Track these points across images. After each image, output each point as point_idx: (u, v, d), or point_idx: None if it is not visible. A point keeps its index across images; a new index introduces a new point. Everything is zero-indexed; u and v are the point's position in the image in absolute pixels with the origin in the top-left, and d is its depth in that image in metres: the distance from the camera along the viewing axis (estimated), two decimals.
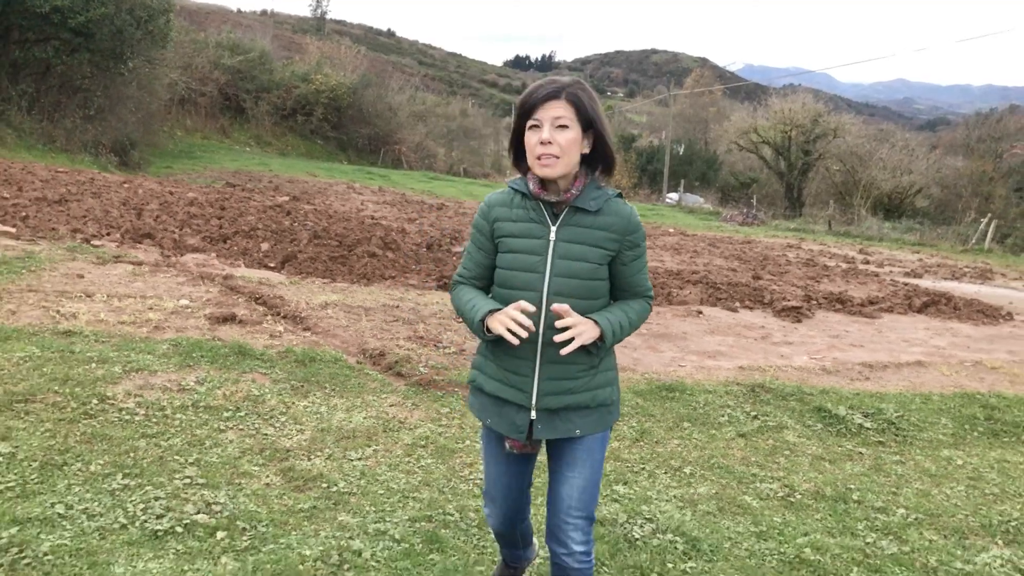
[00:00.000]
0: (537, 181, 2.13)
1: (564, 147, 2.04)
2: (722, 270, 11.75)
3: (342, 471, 3.65)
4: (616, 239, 2.12)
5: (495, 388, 2.21)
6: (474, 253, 2.25)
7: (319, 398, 4.55)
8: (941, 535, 3.64)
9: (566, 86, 2.07)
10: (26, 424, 3.65)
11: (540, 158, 2.06)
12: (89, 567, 2.65)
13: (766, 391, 5.61)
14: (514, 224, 2.15)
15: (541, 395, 2.14)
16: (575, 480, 2.20)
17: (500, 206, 2.20)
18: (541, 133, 2.05)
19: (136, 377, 4.41)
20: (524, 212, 2.15)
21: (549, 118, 2.04)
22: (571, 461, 2.20)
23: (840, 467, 4.40)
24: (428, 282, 8.48)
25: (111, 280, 6.53)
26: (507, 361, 2.16)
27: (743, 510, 3.72)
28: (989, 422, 5.38)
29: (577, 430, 2.17)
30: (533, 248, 2.12)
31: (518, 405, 2.16)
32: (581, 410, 2.17)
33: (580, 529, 2.21)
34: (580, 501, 2.20)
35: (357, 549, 2.95)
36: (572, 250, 2.10)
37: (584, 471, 2.20)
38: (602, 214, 2.12)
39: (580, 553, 2.20)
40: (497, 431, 2.24)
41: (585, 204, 2.10)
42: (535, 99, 2.06)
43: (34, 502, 3.00)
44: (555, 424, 2.16)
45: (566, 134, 2.05)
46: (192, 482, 3.33)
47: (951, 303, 9.80)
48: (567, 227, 2.11)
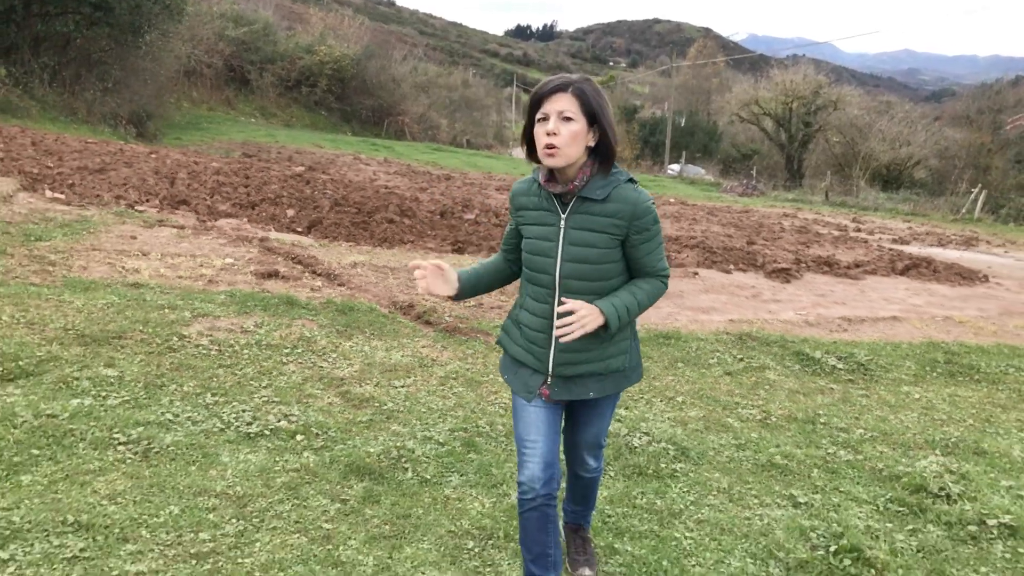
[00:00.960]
0: (546, 172, 2.28)
1: (567, 138, 2.15)
2: (719, 236, 12.42)
3: (389, 395, 4.35)
4: (623, 225, 2.22)
5: (516, 352, 2.43)
6: (508, 232, 2.50)
7: (361, 340, 5.24)
8: (891, 448, 4.35)
9: (573, 81, 2.19)
10: (124, 355, 4.35)
11: (544, 149, 2.18)
12: (203, 456, 3.36)
13: (752, 339, 6.30)
14: (531, 212, 2.33)
15: (556, 364, 2.33)
16: (591, 430, 2.51)
17: (521, 195, 2.38)
18: (547, 125, 2.17)
19: (204, 321, 5.09)
20: (539, 200, 2.31)
21: (555, 111, 2.16)
22: (586, 419, 2.48)
23: (812, 399, 5.10)
24: (444, 246, 9.13)
25: (161, 241, 7.19)
26: (528, 332, 2.36)
27: (726, 428, 4.43)
28: (948, 365, 6.07)
29: (591, 392, 2.36)
30: (546, 234, 2.27)
31: (533, 369, 2.36)
32: (595, 376, 2.34)
33: (594, 456, 2.61)
34: (594, 441, 2.56)
35: (411, 448, 3.65)
36: (580, 237, 2.23)
37: (599, 423, 2.50)
38: (609, 201, 2.22)
39: (593, 468, 2.65)
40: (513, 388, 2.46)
41: (591, 193, 2.22)
42: (543, 92, 2.19)
43: (148, 411, 3.70)
44: (570, 388, 2.34)
45: (570, 126, 2.15)
46: (269, 400, 4.03)
47: (931, 266, 10.48)
48: (575, 215, 2.24)
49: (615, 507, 3.35)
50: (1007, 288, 9.97)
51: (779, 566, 3.02)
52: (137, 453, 3.30)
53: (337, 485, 3.26)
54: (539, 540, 2.38)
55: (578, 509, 2.81)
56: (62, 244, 6.45)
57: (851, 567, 3.03)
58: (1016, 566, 3.21)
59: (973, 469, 4.07)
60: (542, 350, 2.33)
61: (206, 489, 3.09)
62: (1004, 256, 13.62)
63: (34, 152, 10.22)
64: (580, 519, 2.84)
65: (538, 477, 2.30)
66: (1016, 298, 9.30)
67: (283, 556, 2.72)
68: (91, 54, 16.87)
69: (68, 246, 6.43)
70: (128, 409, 3.69)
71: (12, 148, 10.05)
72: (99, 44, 16.64)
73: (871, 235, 15.41)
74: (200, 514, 2.91)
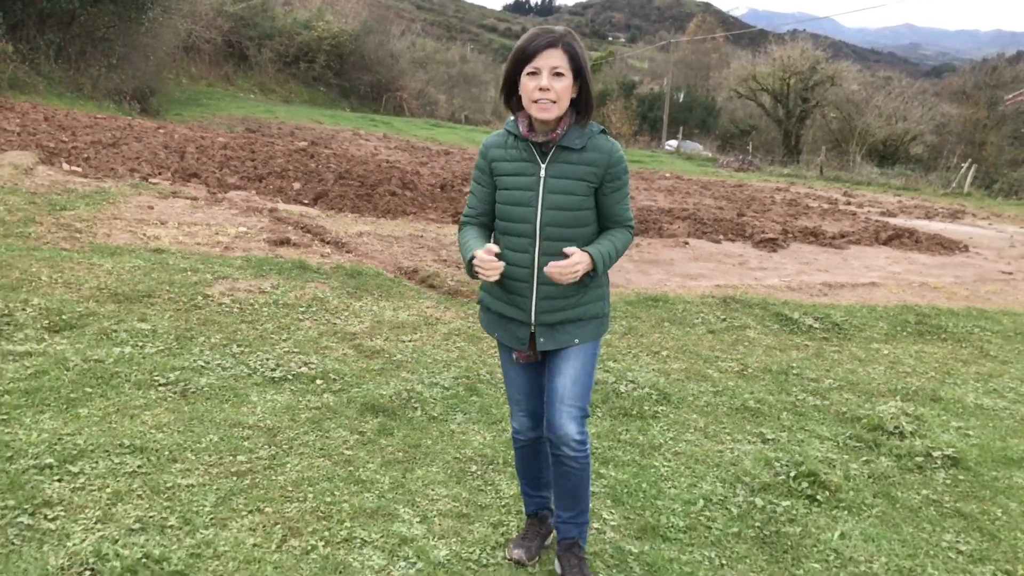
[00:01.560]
0: (527, 123, 2.33)
1: (560, 93, 2.22)
2: (710, 208, 12.79)
3: (398, 348, 4.75)
4: (598, 173, 2.32)
5: (499, 307, 2.47)
6: (477, 192, 2.47)
7: (370, 300, 5.64)
8: (856, 395, 4.77)
9: (563, 35, 2.24)
10: (154, 312, 4.74)
11: (537, 102, 2.23)
12: (234, 396, 3.77)
13: (736, 302, 6.70)
14: (509, 163, 2.36)
15: (539, 312, 2.38)
16: (568, 372, 2.43)
17: (496, 147, 2.40)
18: (540, 80, 2.21)
19: (224, 283, 5.49)
20: (517, 152, 2.34)
21: (548, 66, 2.20)
22: (564, 357, 2.44)
23: (787, 354, 5.52)
24: (444, 217, 9.50)
25: (176, 211, 7.57)
26: (508, 284, 2.39)
27: (705, 378, 4.84)
28: (918, 325, 6.49)
29: (576, 339, 2.42)
30: (526, 184, 2.32)
31: (519, 321, 2.42)
32: (576, 322, 2.41)
33: (574, 419, 2.43)
34: (572, 393, 2.43)
35: (419, 391, 4.07)
36: (560, 185, 2.30)
37: (575, 365, 2.43)
38: (586, 151, 2.31)
39: (576, 442, 2.44)
40: (505, 344, 2.51)
41: (570, 143, 2.30)
42: (535, 47, 2.21)
43: (181, 358, 4.10)
44: (555, 336, 2.41)
45: (562, 81, 2.22)
46: (289, 351, 4.44)
47: (913, 236, 10.88)
48: (555, 164, 2.31)
49: (602, 441, 3.77)
50: (985, 257, 10.37)
51: (744, 489, 3.44)
52: (176, 392, 3.71)
53: (355, 420, 3.68)
54: (532, 467, 2.73)
55: (569, 517, 2.61)
56: (85, 213, 6.82)
57: (808, 488, 3.45)
58: (954, 490, 3.64)
59: (927, 412, 4.50)
60: (524, 299, 2.38)
61: (239, 422, 3.50)
62: (987, 228, 14.01)
63: (48, 127, 10.55)
64: (573, 532, 2.62)
65: (527, 427, 2.62)
66: (992, 266, 9.71)
67: (311, 475, 3.13)
68: (95, 30, 17.11)
69: (91, 215, 6.81)
70: (164, 356, 4.09)
71: (27, 123, 10.39)
72: (103, 20, 16.87)
73: (860, 208, 15.78)
74: (236, 441, 3.33)
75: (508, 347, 2.52)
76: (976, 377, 5.36)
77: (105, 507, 2.72)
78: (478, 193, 2.47)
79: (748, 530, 3.11)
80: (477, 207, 2.48)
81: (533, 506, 2.80)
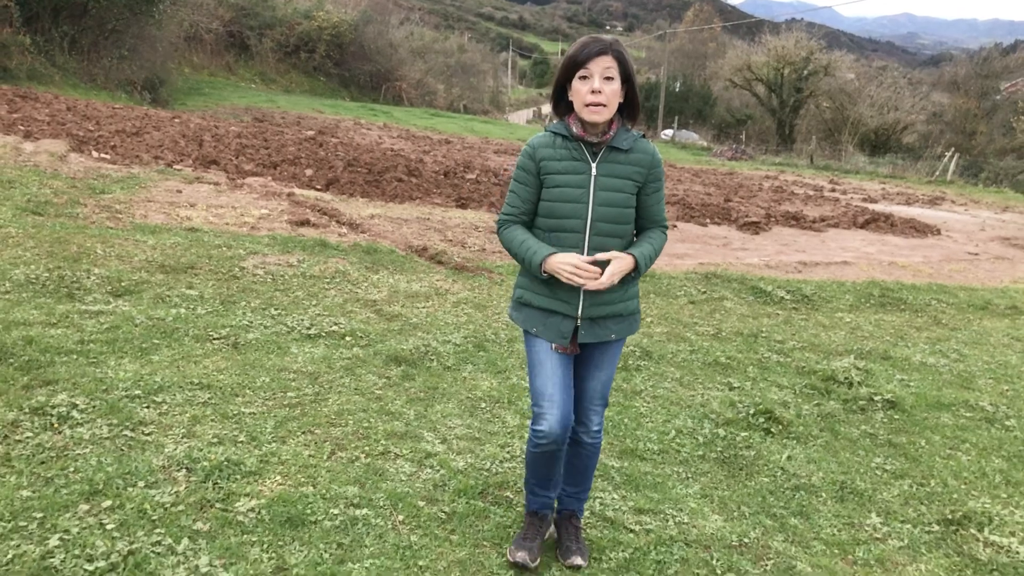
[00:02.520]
0: (580, 124, 2.45)
1: (610, 96, 2.36)
2: (699, 194, 13.43)
3: (413, 313, 5.40)
4: (644, 172, 2.47)
5: (544, 303, 2.53)
6: (520, 191, 2.52)
7: (386, 274, 6.28)
8: (816, 354, 5.43)
9: (612, 43, 2.38)
10: (199, 280, 5.38)
11: (589, 105, 2.36)
12: (278, 348, 4.41)
13: (716, 277, 7.36)
14: (559, 163, 2.45)
15: (586, 307, 2.49)
16: (601, 376, 2.63)
17: (544, 147, 2.48)
18: (592, 83, 2.34)
19: (255, 257, 6.12)
20: (567, 152, 2.45)
21: (600, 70, 2.34)
22: (599, 363, 2.61)
23: (759, 320, 6.18)
24: (449, 202, 10.13)
25: (202, 195, 8.19)
26: (557, 281, 2.46)
27: (683, 340, 5.50)
28: (881, 298, 7.15)
29: (612, 335, 2.56)
30: (578, 182, 2.42)
31: (564, 315, 2.51)
32: (616, 318, 2.55)
33: (599, 413, 2.70)
34: (602, 393, 2.67)
35: (434, 347, 4.71)
36: (610, 183, 2.43)
37: (608, 370, 2.64)
38: (633, 152, 2.46)
39: (595, 431, 2.70)
40: (544, 338, 2.55)
41: (620, 144, 2.44)
42: (588, 53, 2.35)
43: (228, 318, 4.74)
44: (595, 330, 2.53)
45: (612, 85, 2.36)
46: (319, 314, 5.08)
47: (889, 220, 11.54)
48: (605, 163, 2.44)
49: None
50: (955, 240, 11.04)
51: (710, 423, 4.10)
52: (228, 344, 4.36)
53: (381, 368, 4.33)
54: (547, 470, 2.66)
55: (574, 491, 2.78)
56: (122, 196, 7.45)
57: (764, 423, 4.11)
58: (889, 426, 4.30)
59: (876, 367, 5.17)
60: (571, 293, 2.47)
61: (285, 368, 4.15)
62: (963, 214, 14.67)
63: (73, 116, 11.14)
64: (574, 505, 2.80)
65: (556, 431, 2.50)
66: (960, 248, 10.37)
67: (349, 407, 3.78)
68: (106, 22, 17.65)
69: (127, 198, 7.43)
70: (213, 316, 4.74)
71: (55, 113, 10.98)
72: (113, 12, 17.41)
73: (844, 195, 16.44)
74: (284, 382, 3.97)
75: (544, 340, 2.55)
76: (926, 341, 6.02)
77: (187, 427, 3.37)
78: (521, 192, 2.52)
79: (711, 453, 3.77)
80: (520, 206, 2.52)
81: (537, 505, 2.77)
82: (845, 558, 3.03)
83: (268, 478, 3.04)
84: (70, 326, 4.23)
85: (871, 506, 3.43)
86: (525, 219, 2.55)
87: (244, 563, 2.52)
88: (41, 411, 3.29)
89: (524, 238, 2.49)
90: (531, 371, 2.59)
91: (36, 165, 7.89)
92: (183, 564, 2.48)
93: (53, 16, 16.28)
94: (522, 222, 2.55)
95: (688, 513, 3.19)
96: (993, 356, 5.81)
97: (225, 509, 2.80)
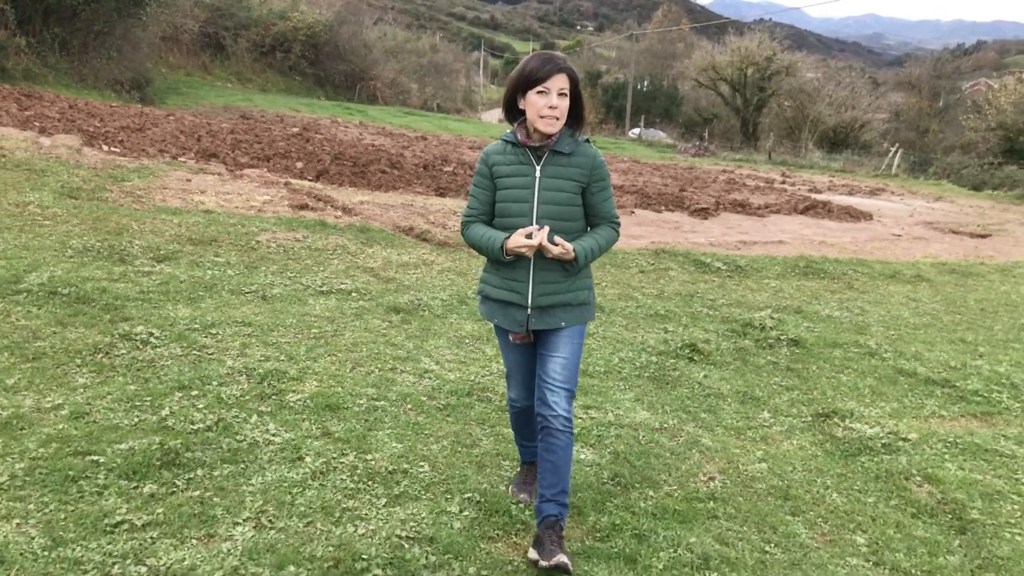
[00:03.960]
0: (524, 132, 2.72)
1: (563, 111, 2.65)
2: (656, 185, 14.60)
3: (406, 278, 6.42)
4: (586, 173, 2.72)
5: (499, 294, 2.81)
6: (478, 195, 2.81)
7: (379, 248, 7.29)
8: (740, 309, 6.54)
9: (565, 61, 2.66)
10: (223, 251, 6.36)
11: (544, 117, 2.63)
12: (298, 300, 5.41)
13: (665, 252, 8.46)
14: (508, 167, 2.73)
15: (535, 296, 2.74)
16: (558, 359, 2.78)
17: (496, 154, 2.78)
18: (550, 99, 2.61)
19: (266, 234, 7.10)
20: (515, 157, 2.73)
21: (556, 87, 2.62)
22: (555, 345, 2.79)
23: (697, 285, 7.29)
24: (429, 191, 11.14)
25: (208, 183, 9.12)
26: (509, 273, 2.76)
27: (631, 299, 6.58)
28: (806, 268, 8.31)
29: (562, 323, 2.78)
30: (524, 184, 2.70)
31: (518, 305, 2.76)
32: (565, 307, 2.77)
33: (563, 397, 2.77)
34: (561, 375, 2.77)
35: (425, 302, 5.74)
36: (553, 183, 2.70)
37: (564, 351, 2.79)
38: (574, 155, 2.72)
39: (563, 417, 2.75)
40: (504, 328, 2.85)
41: (561, 148, 2.70)
42: (547, 71, 2.61)
43: (254, 279, 5.73)
44: (545, 318, 2.77)
45: (565, 101, 2.64)
46: (327, 277, 6.08)
47: (827, 207, 12.77)
48: (548, 166, 2.71)
49: None
50: (883, 224, 12.30)
51: (647, 354, 5.18)
52: (259, 297, 5.35)
53: (383, 315, 5.34)
54: (526, 426, 3.09)
55: (552, 494, 2.77)
56: (140, 184, 8.36)
57: (688, 354, 5.20)
58: (790, 357, 5.41)
59: (789, 318, 6.29)
60: (522, 284, 2.74)
61: (307, 313, 5.15)
62: (898, 202, 16.01)
63: (78, 114, 11.96)
64: (555, 510, 2.76)
65: (523, 396, 3.00)
66: (887, 230, 11.62)
67: (362, 340, 4.79)
68: (94, 24, 18.38)
69: (145, 185, 8.35)
70: (242, 277, 5.73)
71: (63, 111, 11.79)
72: (101, 15, 18.15)
73: (792, 186, 17.73)
74: (308, 322, 4.98)
75: (505, 331, 2.88)
76: (836, 300, 7.18)
77: (239, 350, 4.36)
78: (479, 195, 2.82)
79: (645, 373, 4.84)
80: (479, 207, 2.82)
81: (528, 455, 3.19)
82: (738, 436, 4.12)
83: (307, 382, 4.05)
84: (129, 282, 5.20)
85: (764, 407, 4.53)
86: (484, 219, 2.83)
87: (299, 430, 3.54)
88: (127, 337, 4.27)
89: (483, 231, 2.77)
90: (501, 353, 3.04)
91: (58, 157, 8.77)
92: (257, 428, 3.49)
93: (44, 18, 17.00)
94: (482, 221, 2.83)
95: (623, 409, 4.26)
96: (889, 311, 6.98)
97: (279, 399, 3.81)
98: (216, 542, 2.66)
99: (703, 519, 3.19)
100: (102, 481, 2.92)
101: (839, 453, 4.00)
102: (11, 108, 11.21)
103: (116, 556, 2.53)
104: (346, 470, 3.23)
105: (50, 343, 4.10)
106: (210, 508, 2.84)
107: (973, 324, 6.83)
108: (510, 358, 2.97)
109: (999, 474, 3.89)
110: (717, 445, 3.96)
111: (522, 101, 2.69)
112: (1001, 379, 5.21)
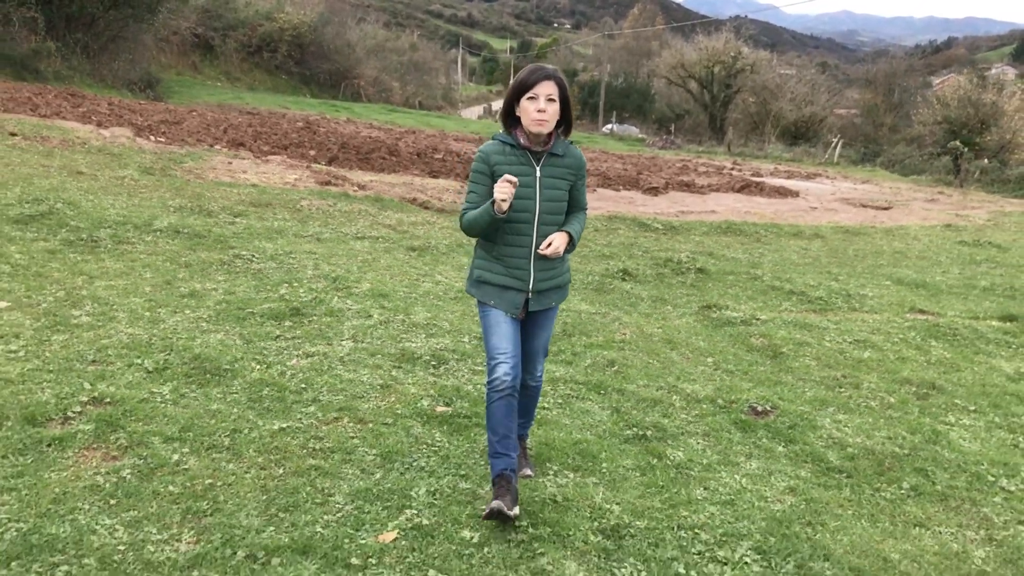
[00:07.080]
0: (526, 137, 2.97)
1: (552, 114, 2.91)
2: (618, 170, 16.80)
3: (416, 232, 8.51)
4: (574, 172, 3.08)
5: (500, 280, 3.06)
6: (477, 190, 3.00)
7: (392, 212, 9.37)
8: (667, 252, 8.70)
9: (553, 71, 2.94)
10: (278, 211, 8.41)
11: (535, 120, 2.89)
12: (342, 242, 7.49)
13: (617, 218, 10.63)
14: (510, 167, 2.94)
15: (536, 282, 3.07)
16: (543, 335, 3.27)
17: (496, 154, 2.99)
18: (538, 104, 2.87)
19: (305, 201, 9.16)
20: (516, 159, 2.97)
21: (544, 94, 2.88)
22: (543, 324, 3.24)
23: (638, 239, 9.45)
24: (424, 174, 13.24)
25: (245, 165, 11.15)
26: (510, 261, 3.04)
27: (585, 247, 8.73)
28: (727, 229, 10.51)
29: (553, 302, 3.19)
30: (526, 183, 2.95)
31: (517, 290, 3.06)
32: (556, 289, 3.18)
33: (542, 363, 3.36)
34: (544, 347, 3.32)
35: (433, 244, 7.84)
36: (551, 182, 3.01)
37: (549, 329, 3.28)
38: (566, 156, 3.04)
39: (538, 376, 3.35)
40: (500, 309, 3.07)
41: (557, 151, 3.01)
42: (536, 78, 2.89)
43: (307, 227, 7.79)
44: (541, 300, 3.13)
45: (553, 105, 2.90)
46: (360, 229, 8.15)
47: (760, 186, 15.02)
48: (547, 167, 3.00)
49: None
50: (806, 200, 14.58)
51: (591, 277, 7.30)
52: (315, 239, 7.43)
53: (404, 252, 7.44)
54: (505, 424, 3.03)
55: (522, 422, 3.36)
56: (194, 166, 10.39)
57: (621, 275, 7.35)
58: (697, 281, 7.58)
59: (701, 258, 8.47)
60: (524, 271, 3.02)
61: (351, 248, 7.24)
62: (827, 184, 18.35)
63: (120, 110, 13.91)
64: (522, 430, 3.40)
65: (509, 374, 3.00)
66: (806, 204, 13.89)
67: (392, 264, 6.88)
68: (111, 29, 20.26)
69: (198, 166, 10.37)
70: (299, 226, 7.80)
71: (111, 108, 13.72)
72: (119, 21, 20.04)
73: (739, 172, 20.03)
74: (353, 253, 7.05)
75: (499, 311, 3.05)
76: (744, 249, 9.39)
77: (313, 266, 6.43)
78: (478, 191, 2.99)
79: (589, 287, 6.98)
80: (477, 201, 2.98)
81: (501, 466, 3.00)
82: (647, 318, 6.27)
83: (362, 283, 6.15)
84: (223, 228, 7.26)
85: (670, 305, 6.69)
86: None
87: (362, 306, 5.63)
88: (239, 256, 6.34)
89: (475, 212, 2.96)
90: (487, 332, 3.08)
91: (122, 145, 10.76)
92: (339, 302, 5.57)
93: (67, 24, 18.84)
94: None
95: (572, 305, 6.39)
96: (782, 256, 9.19)
97: (348, 291, 5.90)
98: (334, 346, 4.76)
99: (615, 348, 5.34)
100: (258, 320, 5.00)
101: (711, 324, 6.17)
102: (66, 106, 13.15)
103: (283, 350, 4.61)
104: (398, 323, 5.33)
105: (193, 258, 6.18)
106: (326, 332, 4.94)
107: (843, 263, 9.06)
108: (502, 334, 3.05)
109: (812, 336, 6.08)
110: (631, 321, 6.11)
111: (518, 108, 2.95)
112: (842, 291, 7.42)
